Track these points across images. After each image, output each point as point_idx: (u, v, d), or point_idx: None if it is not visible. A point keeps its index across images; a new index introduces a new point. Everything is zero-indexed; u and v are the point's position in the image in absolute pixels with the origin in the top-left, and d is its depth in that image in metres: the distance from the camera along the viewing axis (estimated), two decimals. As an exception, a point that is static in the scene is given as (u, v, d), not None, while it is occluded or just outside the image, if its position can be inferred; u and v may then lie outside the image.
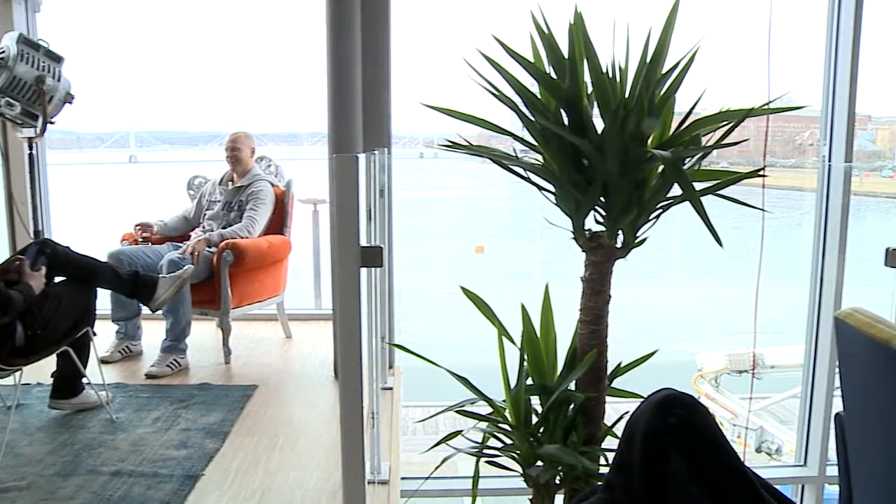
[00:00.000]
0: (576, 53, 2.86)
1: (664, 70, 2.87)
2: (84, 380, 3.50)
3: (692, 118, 2.97)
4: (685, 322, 15.82)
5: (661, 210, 2.99)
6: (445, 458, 3.38)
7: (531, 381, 3.29)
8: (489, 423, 3.33)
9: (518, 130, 3.11)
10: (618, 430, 3.14)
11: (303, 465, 3.07)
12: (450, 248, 19.43)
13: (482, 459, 3.30)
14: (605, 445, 3.23)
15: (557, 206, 3.10)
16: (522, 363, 3.28)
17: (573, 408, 3.19)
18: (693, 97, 2.94)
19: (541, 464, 3.18)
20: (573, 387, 3.20)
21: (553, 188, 3.08)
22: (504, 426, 3.30)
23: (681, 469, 1.71)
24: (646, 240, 3.07)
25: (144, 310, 4.11)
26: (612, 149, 2.80)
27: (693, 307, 16.37)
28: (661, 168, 2.91)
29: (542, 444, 3.19)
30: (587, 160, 2.93)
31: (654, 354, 3.38)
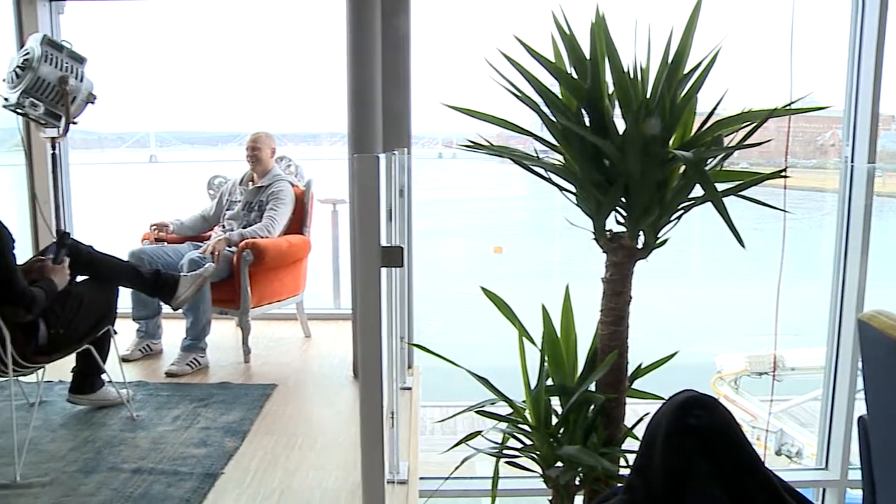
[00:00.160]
0: (597, 53, 2.85)
1: (686, 70, 2.86)
2: (104, 377, 3.52)
3: (714, 118, 2.96)
4: (704, 323, 15.71)
5: (683, 211, 2.98)
6: (466, 458, 3.38)
7: (551, 382, 3.29)
8: (509, 424, 3.33)
9: (537, 130, 3.10)
10: (638, 432, 3.13)
11: (322, 465, 3.07)
12: (468, 249, 19.38)
13: (501, 460, 3.30)
14: (626, 447, 3.23)
15: (578, 207, 3.10)
16: (543, 364, 3.27)
17: (593, 409, 3.19)
18: (715, 97, 2.93)
19: (560, 465, 3.18)
20: (593, 388, 3.19)
21: (574, 189, 3.08)
22: (524, 427, 3.29)
23: (702, 470, 1.70)
24: (667, 240, 3.06)
25: (165, 308, 4.14)
26: (634, 149, 2.79)
27: (712, 308, 16.25)
28: (683, 169, 2.90)
29: (562, 445, 3.18)
30: (608, 160, 2.92)
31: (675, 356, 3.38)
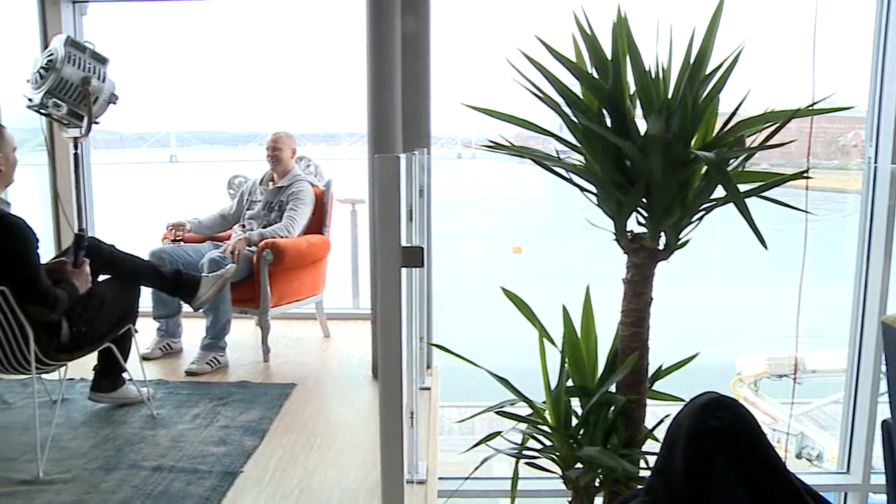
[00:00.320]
0: (619, 54, 2.84)
1: (708, 70, 2.84)
2: (125, 375, 3.55)
3: (736, 119, 2.94)
4: (724, 325, 15.64)
5: (705, 212, 2.96)
6: (485, 459, 3.38)
7: (571, 383, 3.28)
8: (529, 425, 3.32)
9: (557, 131, 3.09)
10: (658, 434, 3.12)
11: (340, 464, 3.07)
12: (487, 249, 19.40)
13: (521, 461, 3.29)
14: (646, 448, 3.21)
15: (599, 208, 3.08)
16: (563, 364, 3.26)
17: (614, 410, 3.18)
18: (737, 97, 2.91)
19: (580, 466, 3.17)
20: (614, 389, 3.18)
21: (594, 189, 3.06)
22: (543, 427, 3.29)
23: (724, 471, 1.70)
24: (688, 241, 3.04)
25: (185, 307, 4.16)
26: (655, 150, 2.78)
27: (732, 310, 16.17)
28: (705, 169, 2.88)
29: (582, 446, 3.18)
30: (630, 161, 2.91)
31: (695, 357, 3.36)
